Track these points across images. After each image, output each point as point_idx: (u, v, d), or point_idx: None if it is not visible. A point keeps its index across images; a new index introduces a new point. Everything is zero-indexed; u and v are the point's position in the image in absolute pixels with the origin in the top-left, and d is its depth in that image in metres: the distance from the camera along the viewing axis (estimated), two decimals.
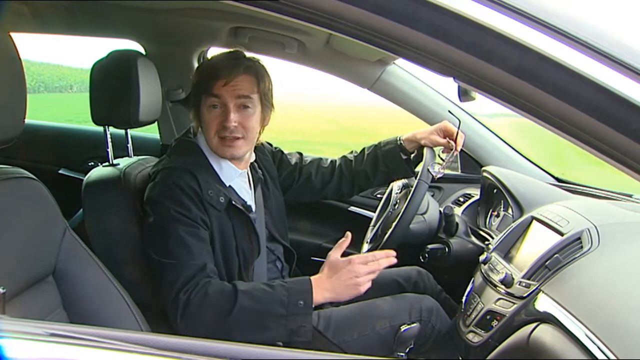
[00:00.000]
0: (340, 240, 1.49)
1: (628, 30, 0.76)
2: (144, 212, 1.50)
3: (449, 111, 2.01)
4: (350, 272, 1.42)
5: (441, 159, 1.70)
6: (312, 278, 1.43)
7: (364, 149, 1.87)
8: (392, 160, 1.79)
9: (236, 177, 1.57)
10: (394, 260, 1.47)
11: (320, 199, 1.90)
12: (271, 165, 1.79)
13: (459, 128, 1.67)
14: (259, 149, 1.71)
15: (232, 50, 1.58)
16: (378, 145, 1.83)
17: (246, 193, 1.61)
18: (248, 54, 1.58)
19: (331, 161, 1.88)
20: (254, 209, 1.61)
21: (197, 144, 1.55)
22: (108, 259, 1.35)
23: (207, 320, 1.36)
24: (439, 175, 1.67)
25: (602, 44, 0.71)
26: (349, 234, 1.50)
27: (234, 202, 1.50)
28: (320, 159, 1.89)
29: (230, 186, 1.55)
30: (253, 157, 1.66)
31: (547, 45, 0.71)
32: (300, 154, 1.90)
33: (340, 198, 1.96)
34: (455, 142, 1.67)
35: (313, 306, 1.39)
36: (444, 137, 1.71)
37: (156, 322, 1.37)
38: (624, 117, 0.69)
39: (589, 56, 0.70)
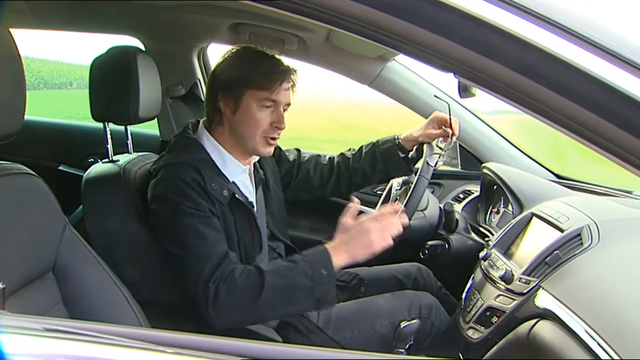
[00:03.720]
0: (349, 205, 1.47)
1: (630, 27, 0.75)
2: (151, 210, 1.49)
3: (435, 96, 2.00)
4: (362, 231, 1.40)
5: (440, 148, 1.69)
6: (327, 246, 1.42)
7: (361, 147, 1.85)
8: (390, 158, 1.78)
9: (239, 173, 1.57)
10: (405, 219, 1.48)
11: (319, 197, 1.89)
12: (273, 162, 1.78)
13: (449, 112, 1.66)
14: None
15: (276, 53, 1.58)
16: (376, 143, 1.82)
17: (248, 191, 1.60)
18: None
19: (329, 158, 1.87)
20: (255, 207, 1.61)
21: (197, 141, 1.55)
22: (108, 255, 1.35)
23: (239, 304, 1.38)
24: (438, 165, 1.66)
25: (603, 40, 0.70)
26: (355, 199, 1.50)
27: (237, 196, 1.51)
28: (319, 155, 1.88)
29: (233, 182, 1.55)
30: (257, 156, 1.66)
31: (549, 41, 0.71)
32: (299, 150, 1.89)
33: (338, 196, 1.96)
34: (450, 127, 1.66)
35: (335, 273, 1.39)
36: (439, 127, 1.70)
37: (157, 320, 1.37)
38: (626, 114, 0.69)
39: (591, 52, 0.70)
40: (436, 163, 1.66)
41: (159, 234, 1.49)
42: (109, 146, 1.72)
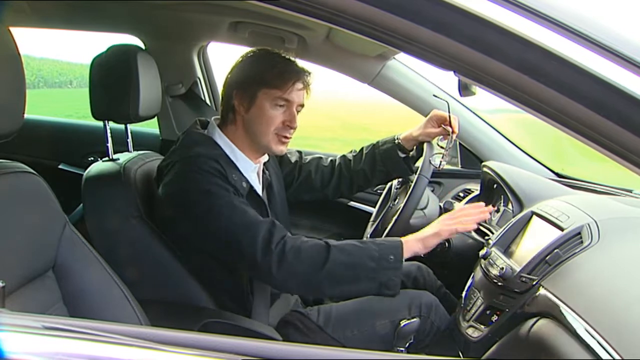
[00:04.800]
0: None
1: (630, 25, 0.75)
2: (173, 207, 1.49)
3: (434, 95, 2.01)
4: (436, 221, 1.53)
5: (441, 147, 1.69)
6: (403, 238, 1.48)
7: (362, 148, 1.87)
8: (389, 159, 1.79)
9: (250, 171, 1.58)
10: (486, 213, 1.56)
11: (320, 198, 1.90)
12: (276, 163, 1.79)
13: (449, 110, 1.66)
14: None
15: (292, 56, 1.59)
16: (376, 144, 1.83)
17: (258, 188, 1.61)
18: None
19: (331, 160, 1.88)
20: None
21: (210, 137, 1.55)
22: (108, 254, 1.35)
23: (302, 272, 1.41)
24: (442, 165, 1.66)
25: (604, 39, 0.70)
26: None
27: (255, 189, 1.51)
28: (320, 157, 1.89)
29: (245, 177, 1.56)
30: (266, 157, 1.66)
31: (549, 39, 0.71)
32: (300, 152, 1.90)
33: (339, 197, 1.97)
34: (450, 125, 1.67)
35: (403, 261, 1.44)
36: (438, 126, 1.71)
37: (157, 319, 1.37)
38: (626, 112, 0.69)
39: (592, 50, 0.70)
40: (440, 164, 1.66)
41: (192, 230, 1.48)
42: (109, 145, 1.72)
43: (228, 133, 1.56)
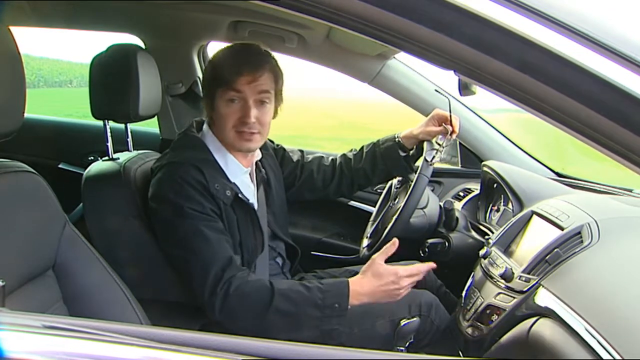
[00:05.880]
0: (386, 246, 1.47)
1: (630, 24, 0.75)
2: (151, 208, 1.50)
3: (436, 90, 2.00)
4: (395, 283, 1.44)
5: (438, 144, 1.69)
6: (351, 280, 1.44)
7: (362, 147, 1.86)
8: (390, 158, 1.78)
9: (241, 174, 1.57)
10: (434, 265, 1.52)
11: (322, 197, 1.89)
12: (275, 162, 1.78)
13: (450, 108, 1.66)
14: (262, 146, 1.67)
15: (250, 43, 1.56)
16: (376, 143, 1.82)
17: (250, 191, 1.60)
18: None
19: (332, 159, 1.87)
20: (256, 207, 1.60)
21: (201, 140, 1.55)
22: (108, 253, 1.35)
23: (244, 317, 1.40)
24: (434, 161, 1.66)
25: (604, 38, 0.70)
26: (395, 240, 1.48)
27: (240, 196, 1.50)
28: (322, 156, 1.88)
29: (234, 183, 1.55)
30: (259, 156, 1.65)
31: (550, 38, 0.71)
32: (302, 151, 1.89)
33: (340, 196, 1.97)
34: (451, 124, 1.66)
35: (348, 308, 1.41)
36: (439, 125, 1.70)
37: (157, 318, 1.37)
38: (626, 110, 0.69)
39: (592, 50, 0.70)
40: (433, 158, 1.66)
41: (159, 234, 1.49)
42: (109, 144, 1.72)
43: (216, 135, 1.56)
